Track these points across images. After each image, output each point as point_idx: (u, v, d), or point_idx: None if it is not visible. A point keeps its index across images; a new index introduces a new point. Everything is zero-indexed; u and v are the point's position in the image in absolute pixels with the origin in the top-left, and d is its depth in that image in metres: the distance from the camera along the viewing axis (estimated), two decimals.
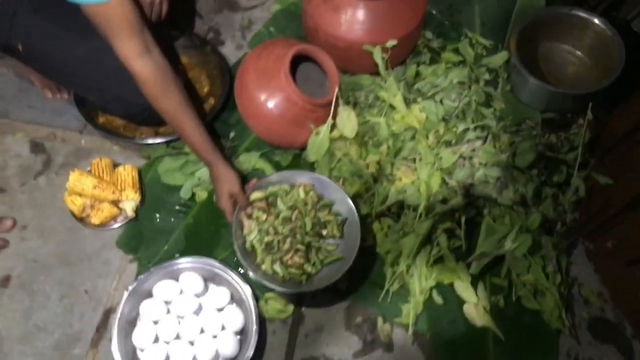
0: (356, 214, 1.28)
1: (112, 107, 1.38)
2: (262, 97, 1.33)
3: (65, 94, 1.52)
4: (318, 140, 1.36)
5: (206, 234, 1.37)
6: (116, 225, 1.36)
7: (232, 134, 1.50)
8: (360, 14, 1.43)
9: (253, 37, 1.66)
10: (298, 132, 1.37)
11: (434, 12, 1.73)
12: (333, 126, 1.38)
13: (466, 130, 1.43)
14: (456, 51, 1.64)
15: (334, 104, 1.36)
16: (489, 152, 1.39)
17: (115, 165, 1.42)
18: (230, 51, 1.67)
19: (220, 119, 1.50)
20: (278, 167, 1.46)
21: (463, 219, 1.35)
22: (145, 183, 1.42)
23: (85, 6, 1.06)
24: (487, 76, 1.61)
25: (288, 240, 1.28)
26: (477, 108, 1.50)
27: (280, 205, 1.32)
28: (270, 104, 1.33)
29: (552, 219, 1.39)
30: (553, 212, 1.39)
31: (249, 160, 1.45)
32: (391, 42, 1.46)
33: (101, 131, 1.42)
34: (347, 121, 1.38)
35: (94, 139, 1.48)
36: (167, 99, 1.20)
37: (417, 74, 1.60)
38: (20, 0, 1.20)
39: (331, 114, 1.36)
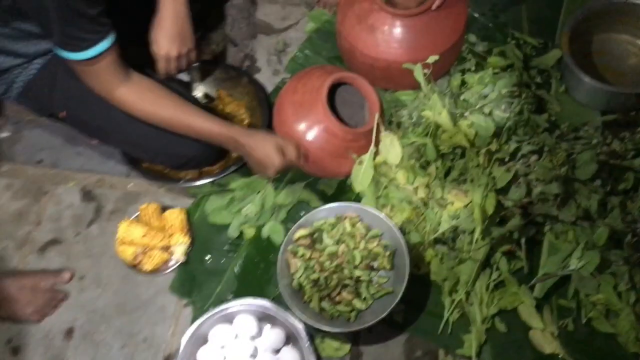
0: (404, 243, 1.24)
1: (158, 161, 1.40)
2: (301, 131, 1.30)
3: None
4: (362, 170, 1.32)
5: (257, 273, 1.36)
6: (169, 270, 1.37)
7: None
8: (398, 32, 1.37)
9: (289, 62, 1.63)
10: (341, 162, 1.34)
11: (476, 15, 1.64)
12: (376, 153, 1.33)
13: (520, 144, 1.34)
14: (503, 54, 1.55)
15: (375, 131, 1.31)
16: (546, 168, 1.30)
17: (163, 209, 1.43)
18: (267, 78, 1.64)
19: None
20: (323, 196, 1.43)
21: (523, 240, 1.28)
22: (193, 223, 1.42)
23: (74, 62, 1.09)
24: (538, 79, 1.52)
25: (335, 276, 1.25)
26: (530, 117, 1.41)
27: (327, 239, 1.29)
28: (310, 137, 1.30)
29: (621, 230, 1.29)
30: (621, 223, 1.29)
31: (294, 192, 1.42)
32: (433, 58, 1.39)
33: (146, 176, 1.42)
34: (391, 147, 1.33)
35: (140, 183, 1.49)
36: (163, 108, 1.20)
37: (463, 83, 1.53)
38: (53, 69, 1.22)
39: (373, 142, 1.31)
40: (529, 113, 1.43)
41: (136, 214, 1.41)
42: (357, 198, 1.38)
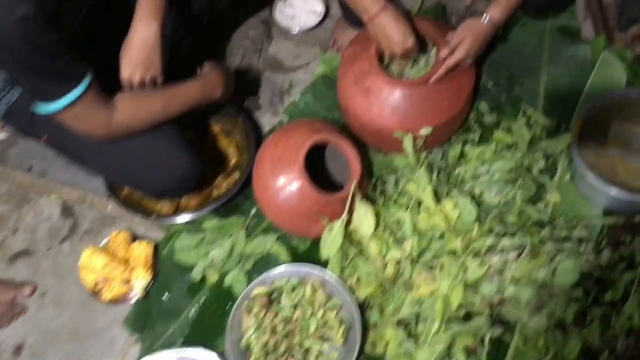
0: (359, 322, 1.19)
1: (138, 188, 1.39)
2: (276, 186, 1.26)
3: None
4: (331, 236, 1.27)
5: (212, 321, 1.33)
6: (129, 302, 1.36)
7: (253, 211, 1.44)
8: (393, 99, 1.31)
9: (289, 106, 1.59)
10: (311, 225, 1.29)
11: (490, 83, 1.56)
12: (349, 222, 1.28)
13: (500, 237, 1.27)
14: (510, 130, 1.47)
15: (350, 199, 1.26)
16: (524, 267, 1.22)
17: (134, 237, 1.42)
18: (266, 117, 1.61)
19: (244, 193, 1.45)
20: (295, 252, 1.39)
21: (487, 337, 1.21)
22: (160, 258, 1.41)
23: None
24: (542, 164, 1.42)
25: (285, 341, 1.22)
26: (522, 206, 1.33)
27: (285, 301, 1.26)
28: (283, 195, 1.26)
29: (597, 347, 1.20)
30: (600, 339, 1.20)
31: (265, 242, 1.38)
32: (425, 130, 1.32)
33: (122, 205, 1.42)
34: (365, 218, 1.27)
35: (119, 206, 1.49)
36: (154, 107, 1.22)
37: (462, 155, 1.46)
38: None
39: (346, 210, 1.26)
40: (521, 201, 1.35)
41: (105, 240, 1.41)
42: (327, 262, 1.33)
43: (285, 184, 1.25)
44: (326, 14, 1.76)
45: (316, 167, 1.40)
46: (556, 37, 1.62)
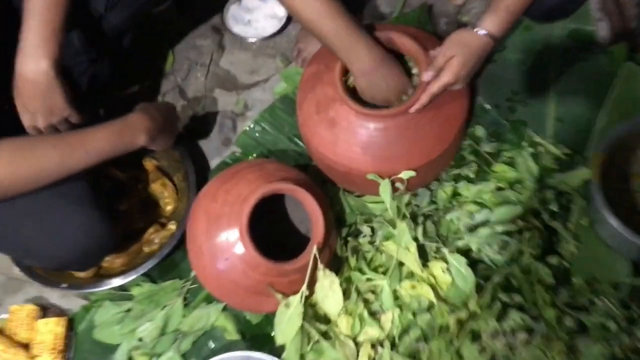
0: None
1: (26, 260, 1.09)
2: (213, 253, 0.97)
3: None
4: (287, 316, 0.97)
5: None
6: None
7: (192, 273, 1.15)
8: (364, 134, 1.01)
9: (241, 135, 1.29)
10: (261, 301, 1.00)
11: (487, 106, 1.26)
12: (310, 296, 0.99)
13: (506, 308, 0.99)
14: (513, 164, 1.19)
15: (311, 267, 0.97)
16: (537, 355, 0.94)
17: (44, 309, 1.13)
18: (214, 148, 1.31)
19: (183, 249, 1.15)
20: (246, 327, 1.10)
21: None
22: (76, 335, 1.12)
23: None
24: (554, 205, 1.14)
25: None
26: (533, 266, 1.05)
27: None
28: (223, 265, 0.96)
29: None
30: None
31: (207, 314, 1.10)
32: (407, 174, 1.03)
33: (25, 272, 1.11)
34: (330, 292, 0.98)
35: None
36: (40, 161, 0.89)
37: (455, 194, 1.17)
38: None
39: (306, 282, 0.97)
40: (530, 258, 1.06)
41: (4, 316, 1.11)
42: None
43: (225, 250, 0.96)
44: (289, 19, 1.46)
45: (271, 218, 1.12)
46: (566, 43, 1.32)
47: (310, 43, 1.32)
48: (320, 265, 0.97)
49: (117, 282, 1.11)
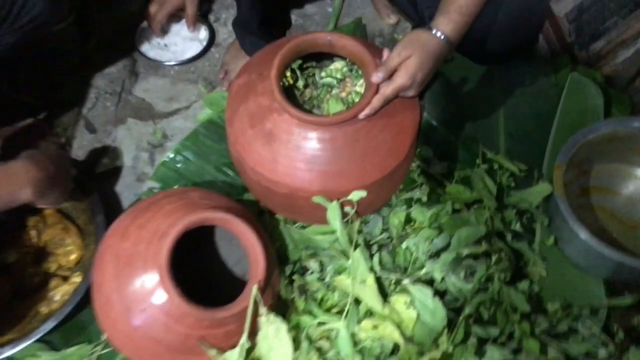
0: None
1: None
2: (124, 307, 0.77)
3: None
4: None
5: None
6: None
7: (104, 336, 0.93)
8: (307, 147, 0.86)
9: (159, 166, 1.11)
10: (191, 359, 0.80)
11: (434, 123, 1.16)
12: (252, 349, 0.81)
13: (482, 343, 0.84)
14: (468, 182, 1.08)
15: (252, 313, 0.79)
16: None
17: None
18: (127, 184, 1.12)
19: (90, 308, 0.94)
20: None
21: None
22: None
23: None
24: (517, 224, 1.04)
25: None
26: (505, 294, 0.92)
27: None
28: (137, 321, 0.76)
29: None
30: None
31: None
32: (358, 194, 0.89)
33: None
34: (276, 341, 0.80)
35: None
36: None
37: (409, 221, 1.04)
38: None
39: (246, 331, 0.78)
40: (501, 284, 0.94)
41: None
42: None
43: (140, 299, 0.76)
44: (211, 41, 1.32)
45: (199, 260, 0.93)
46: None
47: (239, 64, 1.18)
48: (262, 310, 0.79)
49: (4, 352, 0.88)
